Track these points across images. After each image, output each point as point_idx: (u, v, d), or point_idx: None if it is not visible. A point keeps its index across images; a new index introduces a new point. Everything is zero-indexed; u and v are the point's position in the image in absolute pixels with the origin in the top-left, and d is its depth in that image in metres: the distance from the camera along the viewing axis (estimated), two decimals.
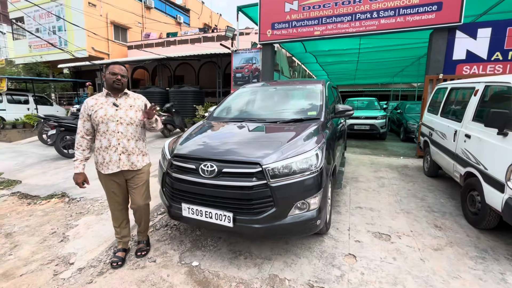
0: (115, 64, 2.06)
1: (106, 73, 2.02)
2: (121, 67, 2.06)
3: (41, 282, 1.98)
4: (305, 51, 11.75)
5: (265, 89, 3.56)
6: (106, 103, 2.03)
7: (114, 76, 2.01)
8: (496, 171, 2.30)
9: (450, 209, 3.15)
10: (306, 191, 1.99)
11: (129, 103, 2.10)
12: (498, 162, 2.28)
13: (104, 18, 15.36)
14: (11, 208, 3.36)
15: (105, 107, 2.02)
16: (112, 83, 2.02)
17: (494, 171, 2.33)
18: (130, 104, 2.10)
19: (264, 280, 1.97)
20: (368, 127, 8.60)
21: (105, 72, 2.04)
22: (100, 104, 2.02)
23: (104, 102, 2.03)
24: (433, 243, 2.42)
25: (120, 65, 2.07)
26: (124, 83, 2.07)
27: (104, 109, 2.01)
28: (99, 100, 2.04)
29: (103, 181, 2.11)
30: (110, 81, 2.01)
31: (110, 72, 2.01)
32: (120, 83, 2.04)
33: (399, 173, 4.66)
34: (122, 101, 2.08)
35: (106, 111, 2.00)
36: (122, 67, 2.07)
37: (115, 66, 2.04)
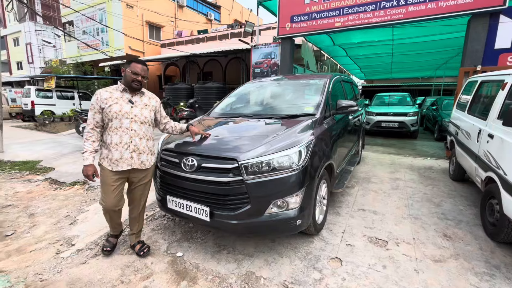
0: (139, 62, 1.98)
1: (126, 69, 1.94)
2: (144, 68, 1.99)
3: (44, 259, 2.21)
4: (333, 44, 11.23)
5: (268, 84, 3.50)
6: (121, 98, 1.96)
7: (136, 76, 1.94)
8: None
9: (467, 218, 2.81)
10: (284, 189, 1.93)
11: (144, 102, 2.05)
12: None
13: (140, 18, 16.34)
14: (40, 192, 3.79)
15: (120, 102, 1.94)
16: (130, 82, 1.95)
17: None
18: (145, 103, 2.06)
19: (240, 276, 1.97)
20: (396, 125, 8.00)
21: (126, 67, 1.96)
22: (115, 99, 1.94)
23: (119, 97, 1.95)
24: (435, 254, 2.19)
25: (143, 64, 1.99)
26: (144, 84, 2.02)
27: (119, 105, 1.93)
28: (113, 94, 1.95)
29: (107, 177, 1.99)
30: (129, 79, 1.94)
31: (132, 71, 1.93)
32: (139, 83, 1.97)
33: (420, 175, 4.27)
34: (137, 99, 2.02)
35: (121, 106, 1.93)
36: (145, 68, 2.00)
37: (137, 66, 1.95)
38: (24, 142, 7.13)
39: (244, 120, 2.70)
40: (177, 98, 10.74)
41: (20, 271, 2.05)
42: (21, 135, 8.61)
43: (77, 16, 17.40)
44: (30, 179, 4.35)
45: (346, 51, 12.54)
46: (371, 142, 7.60)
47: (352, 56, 13.92)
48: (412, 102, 9.03)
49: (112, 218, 2.14)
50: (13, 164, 5.13)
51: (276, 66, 7.09)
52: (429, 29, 7.93)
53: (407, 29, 8.33)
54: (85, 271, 2.04)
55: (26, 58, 25.62)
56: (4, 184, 4.09)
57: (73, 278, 1.96)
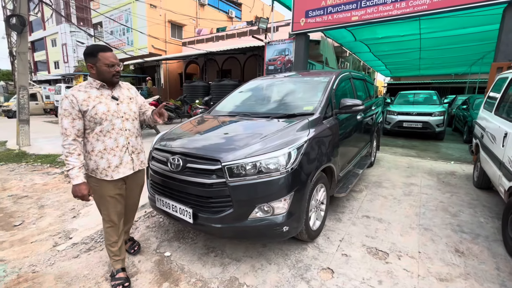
0: (106, 50, 1.65)
1: (96, 64, 1.63)
2: (114, 54, 1.70)
3: (41, 250, 2.30)
4: (355, 40, 10.72)
5: (272, 82, 3.37)
6: (102, 96, 1.68)
7: (113, 68, 1.66)
8: None
9: (487, 232, 2.51)
10: (270, 193, 1.82)
11: (126, 95, 1.81)
12: None
13: (163, 18, 16.79)
14: (55, 185, 4.00)
15: (104, 101, 1.67)
16: (111, 77, 1.67)
17: None
18: (128, 96, 1.82)
19: (222, 282, 1.89)
20: (420, 125, 7.46)
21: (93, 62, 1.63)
22: (96, 98, 1.65)
23: (99, 95, 1.67)
24: (441, 271, 1.96)
25: (111, 51, 1.70)
26: (120, 73, 1.75)
27: (105, 104, 1.67)
28: (91, 93, 1.65)
29: (104, 189, 1.75)
30: (107, 74, 1.65)
31: (105, 64, 1.62)
32: (119, 75, 1.72)
33: (438, 181, 3.92)
34: (118, 93, 1.76)
35: (107, 106, 1.68)
36: (115, 54, 1.71)
37: (108, 55, 1.64)
38: (50, 137, 7.62)
39: (240, 119, 2.61)
40: (195, 95, 10.90)
41: (17, 261, 2.14)
42: (49, 130, 9.22)
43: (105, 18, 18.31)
44: (49, 172, 4.61)
45: (368, 47, 11.93)
46: (391, 143, 7.16)
47: (375, 52, 13.22)
48: (439, 101, 8.38)
49: (121, 236, 1.90)
50: (37, 157, 5.48)
51: (290, 63, 6.90)
52: (461, 20, 7.26)
53: (436, 22, 7.70)
54: (74, 266, 2.08)
55: (62, 57, 27.49)
56: (25, 176, 4.38)
57: (62, 272, 2.01)
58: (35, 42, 30.97)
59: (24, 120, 6.01)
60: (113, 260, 1.89)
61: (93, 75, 1.69)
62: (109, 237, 1.86)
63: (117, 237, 1.88)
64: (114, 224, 1.85)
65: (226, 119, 2.68)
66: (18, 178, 4.24)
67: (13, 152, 5.79)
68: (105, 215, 1.83)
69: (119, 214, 1.86)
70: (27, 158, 5.42)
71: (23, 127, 6.00)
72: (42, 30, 29.45)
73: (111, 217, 1.83)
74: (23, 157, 5.44)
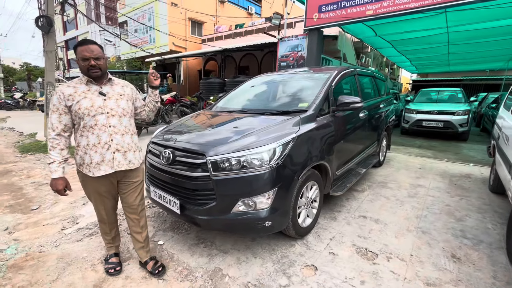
0: (83, 44, 1.59)
1: (76, 57, 1.62)
2: (92, 47, 1.60)
3: (51, 233, 2.52)
4: (375, 35, 10.29)
5: (273, 79, 3.37)
6: (89, 91, 1.65)
7: (86, 61, 1.59)
8: None
9: (492, 239, 2.36)
10: (253, 188, 1.85)
11: (117, 91, 1.75)
12: None
13: (183, 15, 17.18)
14: (72, 174, 4.28)
15: (90, 96, 1.65)
16: (86, 71, 1.62)
17: None
18: (119, 92, 1.75)
19: (207, 272, 1.97)
20: (441, 124, 7.05)
21: (75, 55, 1.62)
22: (82, 93, 1.63)
23: (86, 90, 1.65)
24: (430, 276, 1.89)
25: (90, 43, 1.61)
26: (103, 67, 1.65)
27: (89, 99, 1.64)
28: (78, 88, 1.64)
29: (90, 185, 1.76)
30: (83, 69, 1.61)
31: (80, 58, 1.59)
32: (96, 69, 1.62)
33: (450, 183, 3.71)
34: (108, 89, 1.72)
35: (92, 101, 1.64)
36: (93, 47, 1.61)
37: (82, 48, 1.58)
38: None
39: (235, 115, 2.65)
40: (211, 92, 11.09)
41: (29, 241, 2.37)
42: None
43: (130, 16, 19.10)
44: (69, 162, 4.96)
45: (390, 42, 11.39)
46: (408, 143, 6.85)
47: (398, 48, 12.58)
48: (464, 99, 7.85)
49: (111, 225, 1.95)
50: None
51: (303, 59, 6.80)
52: (492, 12, 6.72)
53: (464, 14, 7.17)
54: (76, 248, 2.26)
55: None
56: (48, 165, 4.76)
57: (64, 253, 2.19)
58: (69, 41, 33.06)
59: None
60: (108, 246, 2.03)
61: (80, 71, 1.67)
62: (101, 229, 1.99)
63: (109, 230, 1.96)
64: (102, 219, 1.90)
65: (222, 115, 2.73)
66: (42, 167, 4.62)
67: (40, 143, 6.29)
68: (95, 210, 1.90)
69: (107, 211, 1.88)
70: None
71: None
72: (75, 30, 31.37)
73: (99, 212, 1.88)
74: None
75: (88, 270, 1.99)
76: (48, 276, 1.92)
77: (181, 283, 1.86)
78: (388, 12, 5.25)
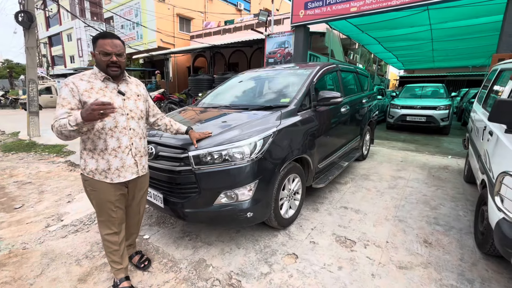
0: (106, 37, 1.46)
1: (95, 52, 1.48)
2: (115, 42, 1.47)
3: (35, 230, 2.51)
4: (362, 32, 10.46)
5: (257, 75, 3.43)
6: (106, 89, 1.50)
7: (107, 57, 1.45)
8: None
9: (462, 225, 2.50)
10: (234, 181, 1.91)
11: (134, 91, 1.63)
12: (499, 169, 1.69)
13: (171, 11, 16.94)
14: (57, 173, 4.26)
15: (109, 95, 1.50)
16: (106, 68, 1.47)
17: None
18: (136, 92, 1.64)
19: (191, 263, 2.02)
20: (424, 119, 7.29)
21: (94, 48, 1.48)
22: (100, 90, 1.48)
23: (103, 87, 1.49)
24: (403, 260, 2.01)
25: (114, 38, 1.48)
26: (123, 65, 1.52)
27: (109, 98, 1.49)
28: (95, 84, 1.48)
29: (103, 194, 1.56)
30: (102, 64, 1.47)
31: (100, 52, 1.44)
32: (116, 66, 1.48)
33: (428, 174, 3.88)
34: (125, 88, 1.59)
35: (112, 100, 1.48)
36: (117, 42, 1.48)
37: (105, 42, 1.44)
38: None
39: (219, 111, 2.70)
40: (199, 89, 11.05)
41: (12, 239, 2.36)
42: None
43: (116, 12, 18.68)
44: (54, 161, 4.90)
45: (376, 39, 11.62)
46: (392, 137, 7.06)
47: (384, 44, 12.84)
48: (446, 94, 8.12)
49: (122, 243, 1.71)
50: (45, 147, 5.81)
51: (290, 56, 6.87)
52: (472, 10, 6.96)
53: (445, 12, 7.40)
54: (61, 244, 2.27)
55: (77, 52, 28.33)
56: (32, 164, 4.67)
57: (48, 249, 2.20)
58: (52, 37, 32.01)
59: (34, 112, 6.35)
60: (115, 269, 1.71)
61: (96, 65, 1.53)
62: (108, 245, 1.67)
63: (118, 246, 1.68)
64: (113, 232, 1.64)
65: (207, 111, 2.78)
66: (25, 166, 4.54)
67: (23, 142, 6.15)
68: (103, 221, 1.63)
69: (119, 221, 1.65)
70: (36, 148, 5.75)
71: (33, 118, 6.35)
72: (58, 25, 30.37)
73: (110, 223, 1.62)
74: (32, 147, 5.78)
75: (73, 265, 2.01)
76: (32, 271, 1.93)
77: (165, 275, 1.91)
78: (371, 10, 5.37)
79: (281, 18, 12.21)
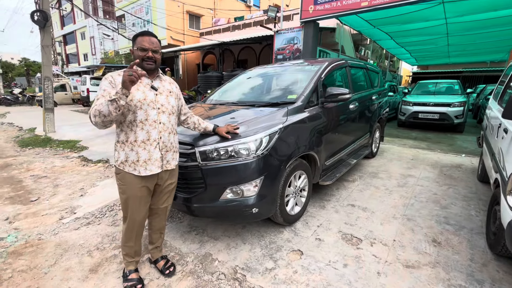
0: (144, 35, 1.57)
1: (134, 48, 1.58)
2: (153, 40, 1.58)
3: (49, 222, 2.61)
4: (374, 27, 10.22)
5: (265, 72, 3.42)
6: (141, 83, 1.58)
7: (144, 52, 1.54)
8: None
9: (474, 225, 2.44)
10: (240, 177, 1.93)
11: (167, 87, 1.69)
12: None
13: (181, 9, 17.04)
14: (71, 167, 4.40)
15: (142, 89, 1.57)
16: (141, 62, 1.55)
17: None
18: (168, 89, 1.69)
19: (197, 257, 2.06)
20: (437, 116, 7.10)
21: (133, 46, 1.59)
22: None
23: (138, 82, 1.50)
24: (410, 259, 1.98)
25: (151, 36, 1.58)
26: (157, 61, 1.61)
27: (142, 92, 1.55)
28: None
29: (132, 186, 1.60)
30: (138, 58, 1.55)
31: (138, 48, 1.54)
32: (152, 61, 1.57)
33: (440, 173, 3.78)
34: (159, 84, 1.65)
35: (145, 94, 1.56)
36: (154, 39, 1.58)
37: (144, 39, 1.55)
38: (73, 124, 8.24)
39: (227, 107, 2.72)
40: (209, 86, 11.11)
41: (28, 230, 2.47)
42: (74, 118, 9.94)
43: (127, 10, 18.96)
44: (68, 156, 5.06)
45: (388, 34, 11.32)
46: (403, 134, 6.91)
47: (397, 40, 12.50)
48: (461, 91, 7.86)
49: (138, 235, 1.76)
50: (60, 142, 6.01)
51: (299, 52, 6.80)
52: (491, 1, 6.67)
53: (461, 5, 7.13)
54: (74, 236, 2.36)
55: (91, 50, 29.00)
56: (47, 159, 4.85)
57: (62, 240, 2.29)
58: (67, 36, 32.86)
59: (49, 109, 6.56)
60: (126, 261, 1.79)
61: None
62: (126, 239, 1.73)
63: (134, 241, 1.73)
64: (134, 226, 1.69)
65: (214, 108, 2.80)
66: (41, 161, 4.71)
67: (39, 138, 6.38)
68: (127, 214, 1.67)
69: (143, 215, 1.70)
70: (51, 143, 5.96)
71: (48, 115, 6.56)
72: (72, 24, 31.11)
73: (134, 218, 1.66)
74: (48, 143, 5.98)
75: (85, 256, 2.09)
76: (46, 261, 2.02)
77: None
78: (384, 4, 5.24)
79: (291, 13, 12.08)
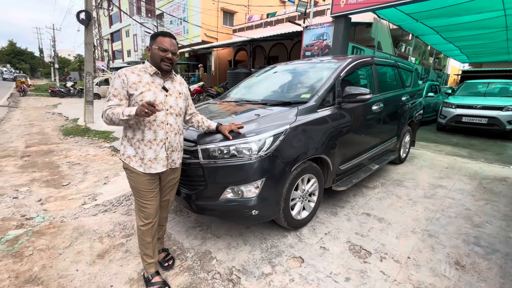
0: (165, 35, 1.58)
1: (152, 46, 1.57)
2: (173, 41, 1.59)
3: (73, 207, 2.84)
4: (416, 21, 9.38)
5: (285, 69, 3.31)
6: (153, 84, 1.58)
7: (164, 52, 1.55)
8: None
9: (511, 249, 2.11)
10: (240, 177, 1.89)
11: (177, 89, 1.70)
12: None
13: (216, 6, 17.38)
14: (101, 156, 4.75)
15: (153, 89, 1.57)
16: (159, 62, 1.56)
17: None
18: (178, 90, 1.70)
19: (197, 253, 2.08)
20: (484, 121, 6.32)
21: (151, 44, 1.58)
22: (146, 84, 1.56)
23: (150, 82, 1.57)
24: (424, 281, 1.77)
25: (171, 37, 1.60)
26: (175, 62, 1.63)
27: (153, 93, 1.56)
28: (143, 78, 1.57)
29: (141, 182, 1.62)
30: (157, 58, 1.56)
31: (159, 48, 1.54)
32: (169, 63, 1.59)
33: (478, 186, 3.35)
34: (170, 85, 1.66)
35: (155, 95, 1.57)
36: (174, 41, 1.61)
37: (165, 40, 1.56)
38: None
39: (238, 106, 2.68)
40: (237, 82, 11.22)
41: (55, 212, 2.71)
42: None
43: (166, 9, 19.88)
44: (101, 145, 5.47)
45: (435, 29, 10.31)
46: (442, 140, 6.28)
47: (444, 35, 11.34)
48: None
49: (155, 236, 1.75)
50: (96, 132, 6.53)
51: (328, 48, 6.50)
52: None
53: None
54: (90, 221, 2.53)
55: (133, 47, 31.05)
56: (83, 147, 5.29)
57: (80, 224, 2.47)
58: (114, 34, 35.55)
59: (89, 101, 7.15)
60: (146, 263, 1.74)
61: (150, 60, 1.62)
62: (143, 237, 1.71)
63: (151, 237, 1.72)
64: (148, 222, 1.69)
65: (227, 105, 2.78)
66: (78, 149, 5.16)
67: (80, 128, 7.00)
68: (140, 211, 1.68)
69: (155, 210, 1.70)
70: (89, 133, 6.50)
71: (88, 107, 7.16)
72: (119, 23, 33.55)
73: (146, 210, 1.67)
74: (86, 132, 6.54)
75: (96, 241, 2.23)
76: (63, 243, 2.19)
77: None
78: None
79: (325, 8, 11.63)
